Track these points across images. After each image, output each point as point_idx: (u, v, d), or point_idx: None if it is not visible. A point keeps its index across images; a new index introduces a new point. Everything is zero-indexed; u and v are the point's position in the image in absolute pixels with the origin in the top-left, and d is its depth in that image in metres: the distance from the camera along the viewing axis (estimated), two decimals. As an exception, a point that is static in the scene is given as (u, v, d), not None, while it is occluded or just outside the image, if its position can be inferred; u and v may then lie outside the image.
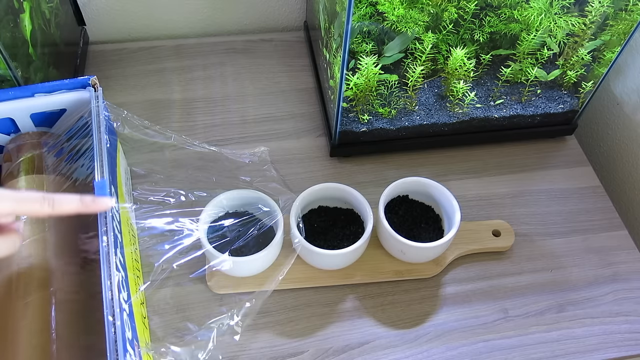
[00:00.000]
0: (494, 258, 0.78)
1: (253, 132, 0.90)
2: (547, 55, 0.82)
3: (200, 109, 0.93)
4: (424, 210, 0.77)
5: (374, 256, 0.75)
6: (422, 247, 0.70)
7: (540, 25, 0.78)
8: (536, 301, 0.74)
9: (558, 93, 0.88)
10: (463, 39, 0.83)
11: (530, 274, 0.77)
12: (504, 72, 0.83)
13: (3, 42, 0.65)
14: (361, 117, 0.83)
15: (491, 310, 0.73)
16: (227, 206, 0.72)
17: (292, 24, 1.10)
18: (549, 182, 0.87)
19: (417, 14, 0.76)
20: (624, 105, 0.94)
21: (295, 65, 1.01)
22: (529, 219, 0.82)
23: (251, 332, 0.69)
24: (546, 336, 0.71)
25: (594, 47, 0.83)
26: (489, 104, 0.86)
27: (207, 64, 1.00)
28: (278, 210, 0.70)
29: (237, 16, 1.07)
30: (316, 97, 0.96)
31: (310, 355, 0.68)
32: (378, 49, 0.80)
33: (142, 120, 0.71)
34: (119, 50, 1.01)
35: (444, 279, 0.76)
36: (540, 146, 0.92)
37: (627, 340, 0.71)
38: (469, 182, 0.86)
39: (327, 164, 0.87)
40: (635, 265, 0.78)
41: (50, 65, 0.81)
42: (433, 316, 0.72)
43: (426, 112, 0.85)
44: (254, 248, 0.69)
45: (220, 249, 0.67)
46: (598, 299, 0.75)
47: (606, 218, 0.83)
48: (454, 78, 0.82)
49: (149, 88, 0.96)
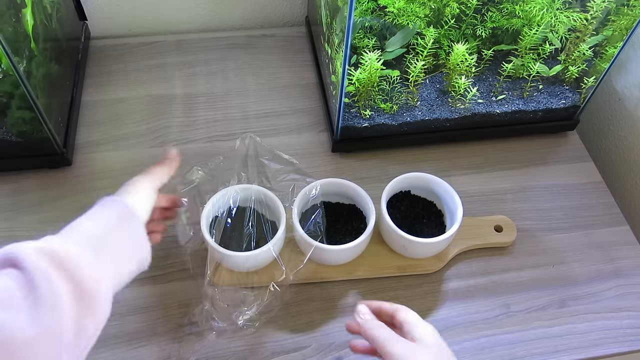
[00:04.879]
0: (496, 253, 0.78)
1: (255, 127, 0.90)
2: (549, 51, 0.82)
3: (201, 104, 0.93)
4: (426, 205, 0.77)
5: (376, 251, 0.75)
6: (424, 243, 0.70)
7: (542, 20, 0.78)
8: (538, 296, 0.74)
9: (560, 88, 0.88)
10: (465, 34, 0.83)
11: (532, 269, 0.77)
12: (506, 68, 0.83)
13: (5, 36, 0.65)
14: (363, 112, 0.83)
15: (493, 306, 0.73)
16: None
17: (293, 19, 1.10)
18: (551, 177, 0.87)
19: (418, 7, 0.76)
20: (625, 101, 0.94)
21: (296, 61, 1.01)
22: (531, 215, 0.82)
23: (253, 327, 0.69)
24: (548, 331, 0.71)
25: (596, 42, 0.83)
26: (491, 99, 0.86)
27: (208, 59, 1.00)
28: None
29: (238, 11, 1.06)
30: (318, 93, 0.95)
31: (312, 350, 0.68)
32: (380, 44, 0.80)
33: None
34: (121, 46, 1.01)
35: (446, 275, 0.76)
36: (542, 141, 0.92)
37: (629, 336, 0.71)
38: (471, 177, 0.86)
39: (329, 160, 0.87)
40: (637, 260, 0.78)
41: (52, 60, 0.80)
42: (435, 311, 0.72)
43: (428, 108, 0.85)
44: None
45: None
46: (600, 294, 0.75)
47: (608, 213, 0.84)
48: (455, 73, 0.82)
49: (150, 83, 0.96)
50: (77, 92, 0.91)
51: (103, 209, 0.55)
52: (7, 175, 0.82)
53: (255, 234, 0.69)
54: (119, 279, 0.53)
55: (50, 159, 0.81)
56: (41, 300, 0.43)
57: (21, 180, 0.81)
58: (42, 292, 0.43)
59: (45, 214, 0.78)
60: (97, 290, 0.47)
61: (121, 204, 0.56)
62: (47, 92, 0.77)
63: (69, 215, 0.78)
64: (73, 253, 0.48)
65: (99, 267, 0.49)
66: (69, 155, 0.82)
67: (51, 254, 0.46)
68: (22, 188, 0.81)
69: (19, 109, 0.74)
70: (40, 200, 0.80)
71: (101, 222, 0.54)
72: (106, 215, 0.55)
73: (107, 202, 0.56)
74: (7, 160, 0.80)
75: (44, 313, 0.43)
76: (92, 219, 0.54)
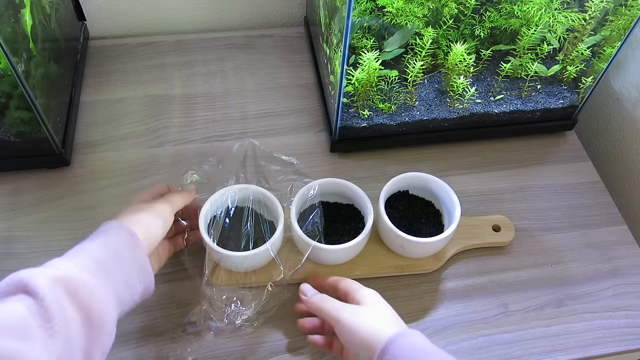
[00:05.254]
0: (494, 253, 0.78)
1: (253, 127, 0.90)
2: (547, 51, 0.82)
3: (200, 104, 0.93)
4: (424, 205, 0.78)
5: (374, 251, 0.75)
6: (422, 242, 0.70)
7: (540, 20, 0.78)
8: (536, 296, 0.74)
9: (558, 88, 0.88)
10: (463, 34, 0.83)
11: (530, 269, 0.77)
12: (504, 68, 0.83)
13: (4, 37, 0.65)
14: (361, 112, 0.83)
15: (491, 305, 0.73)
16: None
17: (292, 20, 1.10)
18: (549, 177, 0.87)
19: (416, 7, 0.76)
20: (623, 101, 0.94)
21: (295, 61, 1.01)
22: (529, 214, 0.82)
23: (251, 326, 0.69)
24: (546, 331, 0.71)
25: (594, 42, 0.83)
26: (489, 99, 0.86)
27: (207, 60, 1.00)
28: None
29: (237, 11, 1.06)
30: (316, 93, 0.96)
31: (310, 349, 0.68)
32: (378, 44, 0.80)
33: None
34: (119, 46, 1.01)
35: (444, 274, 0.76)
36: (540, 141, 0.92)
37: (626, 335, 0.71)
38: (469, 177, 0.86)
39: (327, 160, 0.87)
40: (634, 260, 0.79)
41: (51, 60, 0.81)
42: (433, 311, 0.72)
43: (426, 108, 0.85)
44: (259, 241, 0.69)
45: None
46: (598, 294, 0.75)
47: (606, 213, 0.84)
48: (454, 73, 0.82)
49: (149, 83, 0.96)
50: (76, 92, 0.91)
51: (110, 236, 0.56)
52: (6, 175, 0.82)
53: (253, 233, 0.69)
54: (122, 307, 0.54)
55: (49, 159, 0.81)
56: (56, 330, 0.44)
57: (20, 180, 0.82)
58: (57, 322, 0.44)
59: (44, 214, 0.78)
60: (106, 321, 0.49)
61: (127, 230, 0.56)
62: (45, 93, 0.77)
63: (67, 216, 0.79)
64: (88, 283, 0.48)
65: (108, 297, 0.50)
66: (67, 156, 0.82)
67: (65, 282, 0.47)
68: (20, 188, 0.81)
69: (17, 109, 0.74)
70: (39, 200, 0.80)
71: (109, 249, 0.54)
72: (113, 242, 0.55)
73: (114, 228, 0.56)
74: (5, 161, 0.80)
75: (59, 343, 0.44)
76: (100, 245, 0.54)
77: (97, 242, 0.54)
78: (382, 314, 0.59)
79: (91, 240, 0.55)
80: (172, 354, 0.67)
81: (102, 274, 0.51)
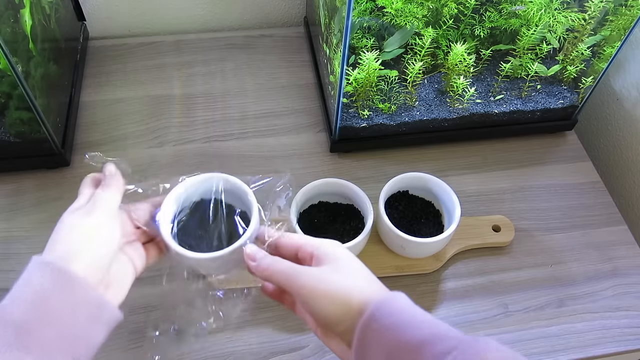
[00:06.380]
0: (494, 253, 0.78)
1: (253, 127, 0.90)
2: (546, 51, 0.82)
3: (200, 104, 0.93)
4: (424, 205, 0.77)
5: (374, 251, 0.75)
6: (422, 242, 0.70)
7: (540, 20, 0.78)
8: (536, 296, 0.74)
9: (558, 88, 0.88)
10: (463, 34, 0.83)
11: (530, 269, 0.77)
12: (504, 68, 0.83)
13: (3, 37, 0.65)
14: (361, 112, 0.83)
15: (491, 305, 0.73)
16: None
17: (292, 20, 1.10)
18: (549, 177, 0.87)
19: (416, 7, 0.76)
20: (623, 101, 0.94)
21: (295, 61, 1.01)
22: (529, 214, 0.82)
23: (252, 327, 0.69)
24: (546, 331, 0.71)
25: (594, 42, 0.83)
26: (489, 99, 0.86)
27: (207, 60, 1.00)
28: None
29: (237, 11, 1.07)
30: (316, 93, 0.96)
31: (310, 350, 0.68)
32: (378, 44, 0.80)
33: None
34: (119, 46, 1.01)
35: (444, 274, 0.76)
36: (540, 141, 0.92)
37: (626, 335, 0.71)
38: (469, 177, 0.86)
39: (327, 160, 0.87)
40: (634, 260, 0.79)
41: (51, 60, 0.81)
42: (433, 311, 0.72)
43: (426, 108, 0.85)
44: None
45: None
46: (598, 294, 0.75)
47: (606, 213, 0.84)
48: (454, 73, 0.82)
49: (149, 83, 0.96)
50: (76, 92, 0.91)
51: (33, 280, 0.44)
52: (5, 175, 0.82)
53: (225, 229, 0.58)
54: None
55: (49, 160, 0.81)
56: None
57: (19, 180, 0.82)
58: None
59: (44, 214, 0.78)
60: None
61: (54, 267, 0.44)
62: (45, 93, 0.77)
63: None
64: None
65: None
66: (67, 156, 0.82)
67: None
68: (20, 188, 0.81)
69: (17, 110, 0.74)
70: (39, 200, 0.80)
71: (34, 303, 0.42)
72: (38, 289, 0.43)
73: (37, 267, 0.45)
74: (5, 161, 0.80)
75: None
76: (22, 302, 0.43)
77: (19, 295, 0.43)
78: (352, 271, 0.47)
79: (13, 291, 0.43)
80: (170, 354, 0.66)
81: (25, 345, 0.40)
